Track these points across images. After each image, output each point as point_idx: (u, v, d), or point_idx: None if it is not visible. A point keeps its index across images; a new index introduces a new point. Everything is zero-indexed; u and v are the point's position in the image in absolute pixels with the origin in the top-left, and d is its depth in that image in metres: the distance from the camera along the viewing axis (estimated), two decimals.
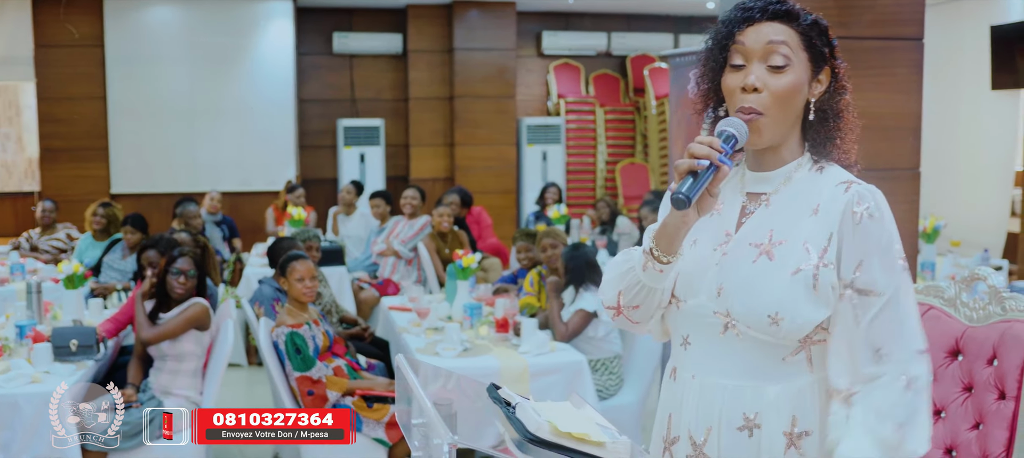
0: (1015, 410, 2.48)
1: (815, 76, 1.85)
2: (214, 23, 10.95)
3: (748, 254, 1.84)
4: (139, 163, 10.93)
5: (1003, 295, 2.61)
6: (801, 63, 1.83)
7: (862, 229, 1.79)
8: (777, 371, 1.84)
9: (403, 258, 7.75)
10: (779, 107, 1.82)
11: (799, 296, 1.79)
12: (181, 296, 4.57)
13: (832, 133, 1.88)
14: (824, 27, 1.87)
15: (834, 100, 1.88)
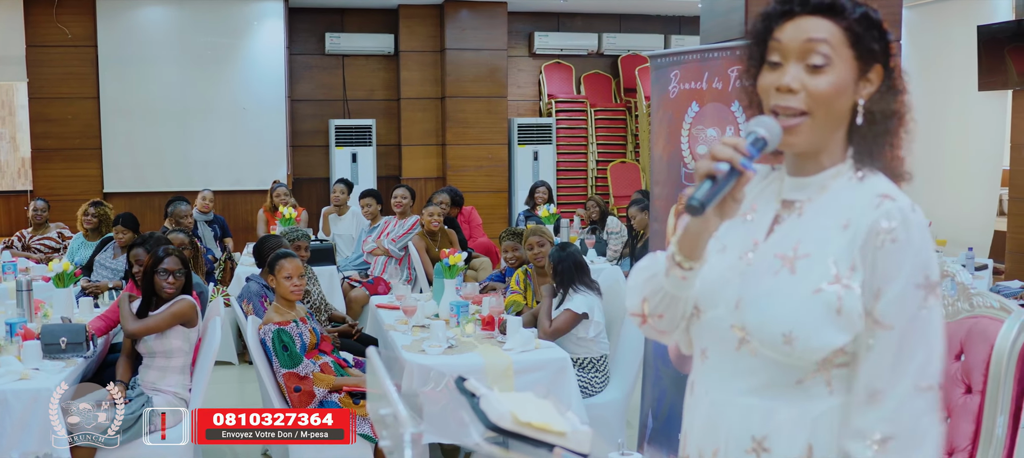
0: (981, 404, 2.53)
1: (863, 75, 1.66)
2: (206, 23, 10.98)
3: (771, 266, 1.70)
4: (131, 163, 10.95)
5: (971, 291, 2.66)
6: (845, 61, 1.65)
7: (884, 253, 1.62)
8: (791, 393, 1.69)
9: (394, 257, 7.79)
10: (821, 108, 1.65)
11: (818, 317, 1.63)
12: (170, 295, 4.60)
13: (880, 138, 1.70)
14: (875, 21, 1.67)
15: (886, 101, 1.68)
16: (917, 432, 1.61)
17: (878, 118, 1.68)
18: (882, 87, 1.67)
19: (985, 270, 7.58)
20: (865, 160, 1.70)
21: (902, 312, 1.61)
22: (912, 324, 1.61)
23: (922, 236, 1.62)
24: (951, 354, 2.65)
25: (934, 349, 1.62)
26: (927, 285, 1.61)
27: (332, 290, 7.35)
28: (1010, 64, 9.11)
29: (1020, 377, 2.49)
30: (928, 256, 1.63)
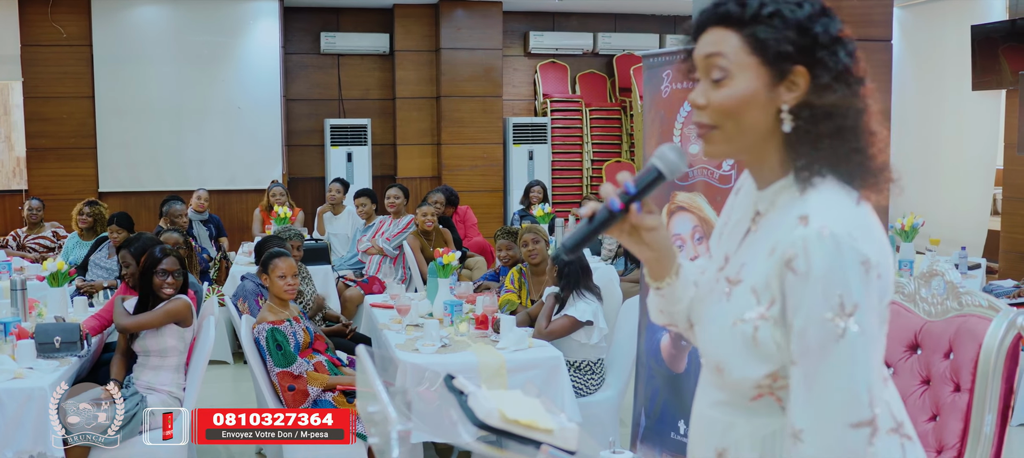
0: (969, 402, 2.54)
1: (782, 80, 1.55)
2: (201, 22, 10.98)
3: (721, 289, 1.68)
4: (126, 162, 10.95)
5: (960, 290, 2.68)
6: (748, 70, 1.56)
7: (788, 285, 1.54)
8: (747, 409, 1.67)
9: (388, 256, 7.80)
10: (728, 121, 1.59)
11: (738, 349, 1.61)
12: (169, 296, 4.61)
13: (832, 141, 1.57)
14: (793, 19, 1.55)
15: (827, 99, 1.54)
16: None
17: (820, 119, 1.55)
18: (816, 86, 1.54)
19: (978, 269, 7.60)
20: (818, 168, 1.57)
21: (808, 346, 1.51)
22: (824, 359, 1.50)
23: (830, 263, 1.49)
24: (941, 352, 2.66)
25: (858, 382, 1.50)
26: (841, 314, 1.49)
27: (326, 289, 7.35)
28: (1004, 63, 9.14)
29: (1008, 375, 2.50)
30: (837, 284, 1.49)
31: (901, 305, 2.82)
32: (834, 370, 1.50)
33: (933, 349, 2.69)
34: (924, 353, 2.73)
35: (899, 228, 7.17)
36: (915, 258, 7.20)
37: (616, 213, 1.61)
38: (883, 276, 1.54)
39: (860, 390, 1.50)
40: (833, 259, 1.49)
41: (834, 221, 1.51)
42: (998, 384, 2.49)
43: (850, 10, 4.05)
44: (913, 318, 2.77)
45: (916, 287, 2.79)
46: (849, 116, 1.56)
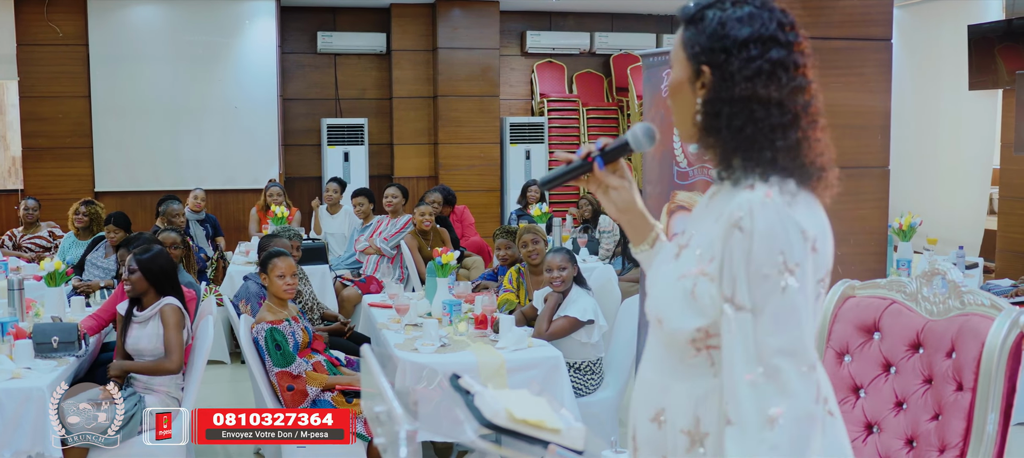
0: (972, 401, 2.54)
1: (698, 77, 1.74)
2: (198, 22, 10.96)
3: (672, 251, 1.85)
4: (123, 161, 10.93)
5: (962, 289, 2.68)
6: (680, 64, 1.78)
7: (732, 242, 1.67)
8: (681, 370, 1.80)
9: (386, 256, 7.79)
10: (672, 105, 1.82)
11: (677, 301, 1.75)
12: (131, 293, 4.60)
13: (720, 145, 1.74)
14: (707, 22, 1.74)
15: (731, 93, 1.71)
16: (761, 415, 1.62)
17: (723, 117, 1.71)
18: (719, 84, 1.71)
19: (975, 268, 7.61)
20: (726, 155, 1.74)
21: (755, 300, 1.64)
22: (765, 309, 1.63)
23: (773, 224, 1.64)
24: (943, 352, 2.67)
25: (801, 330, 1.63)
26: (783, 270, 1.63)
27: (324, 289, 7.34)
28: (1000, 63, 9.15)
29: (1011, 374, 2.50)
30: (779, 242, 1.63)
31: (903, 304, 2.82)
32: (775, 320, 1.63)
33: (935, 348, 2.69)
34: (926, 352, 2.73)
35: (897, 227, 7.17)
36: (913, 257, 7.20)
37: (583, 164, 1.90)
38: (819, 251, 1.69)
39: (802, 336, 1.64)
40: (776, 221, 1.64)
41: (777, 192, 1.67)
42: (1001, 383, 2.49)
43: (849, 9, 4.05)
44: (915, 317, 2.78)
45: (918, 286, 2.80)
46: (755, 108, 1.70)
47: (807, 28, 4.02)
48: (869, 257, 4.18)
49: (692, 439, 1.78)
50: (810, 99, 1.74)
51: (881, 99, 4.13)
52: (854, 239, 4.13)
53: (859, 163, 4.10)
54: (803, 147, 1.72)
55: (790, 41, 1.73)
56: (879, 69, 4.14)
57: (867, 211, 4.13)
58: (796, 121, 1.71)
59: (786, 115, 1.70)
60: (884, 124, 4.15)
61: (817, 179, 1.74)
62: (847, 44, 4.04)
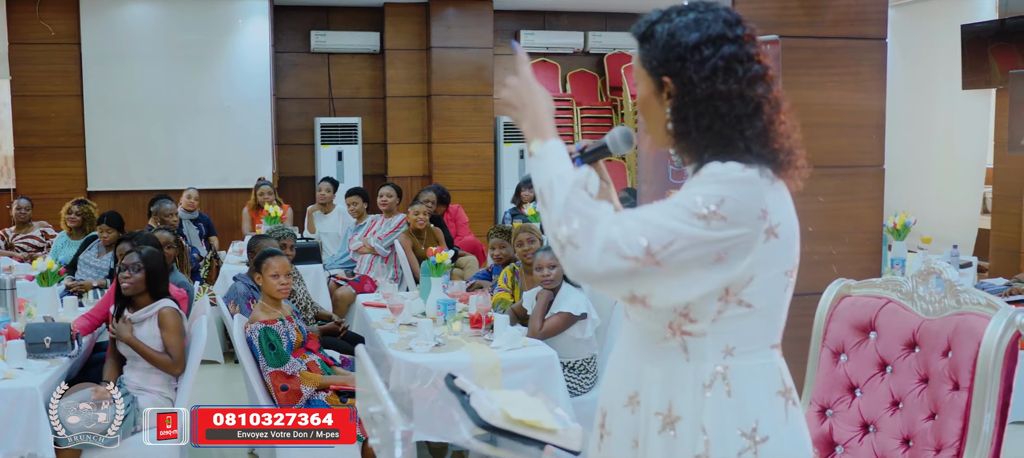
0: (968, 401, 2.54)
1: (661, 89, 1.86)
2: (191, 21, 10.92)
3: None
4: (116, 161, 10.89)
5: (958, 288, 2.67)
6: (643, 79, 1.89)
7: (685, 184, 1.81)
8: (656, 353, 1.88)
9: (380, 255, 7.77)
10: (644, 118, 1.93)
11: None
12: (128, 292, 4.57)
13: (714, 134, 1.82)
14: (657, 36, 1.86)
15: (684, 119, 1.83)
16: (587, 220, 1.72)
17: (691, 119, 1.82)
18: (683, 90, 1.82)
19: (969, 268, 7.62)
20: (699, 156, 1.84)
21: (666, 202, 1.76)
22: (672, 204, 1.74)
23: (729, 181, 1.74)
24: (939, 351, 2.66)
25: (672, 229, 1.71)
26: (712, 205, 1.72)
27: (318, 289, 7.32)
28: (993, 63, 9.16)
29: (1007, 373, 2.50)
30: (726, 193, 1.73)
31: (899, 304, 2.82)
32: (672, 213, 1.72)
33: (931, 347, 2.69)
34: (922, 351, 2.72)
35: (891, 227, 7.18)
36: (907, 256, 7.20)
37: None
38: (781, 238, 1.80)
39: (671, 234, 1.71)
40: (736, 181, 1.74)
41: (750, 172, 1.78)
42: (997, 382, 2.48)
43: (844, 8, 4.05)
44: (911, 317, 2.77)
45: (913, 285, 2.79)
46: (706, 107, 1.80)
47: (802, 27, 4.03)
48: (864, 256, 4.18)
49: (664, 421, 1.86)
50: (770, 84, 1.85)
51: (876, 98, 4.13)
52: (849, 238, 4.13)
53: (854, 162, 4.10)
54: (771, 132, 1.82)
55: (738, 35, 1.83)
56: (874, 68, 4.14)
57: (862, 210, 4.13)
58: (759, 109, 1.82)
59: (749, 105, 1.81)
60: (879, 123, 4.15)
61: (788, 163, 1.84)
62: (842, 43, 4.04)
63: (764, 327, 1.88)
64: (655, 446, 1.86)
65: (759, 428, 1.83)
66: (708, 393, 1.83)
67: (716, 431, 1.82)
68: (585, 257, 1.70)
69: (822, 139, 4.04)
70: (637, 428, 1.90)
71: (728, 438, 1.81)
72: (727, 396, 1.83)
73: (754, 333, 1.86)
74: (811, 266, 4.05)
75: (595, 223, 1.71)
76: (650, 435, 1.87)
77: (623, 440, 1.92)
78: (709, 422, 1.82)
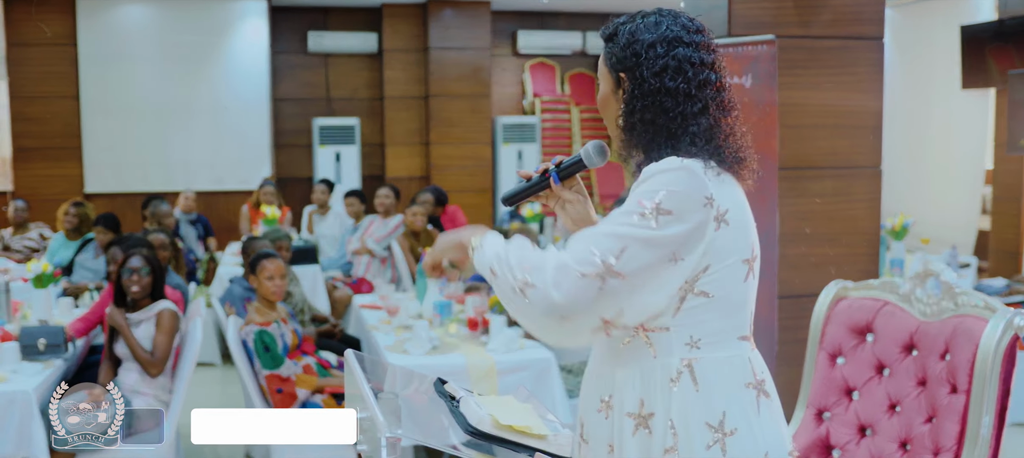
0: (966, 403, 2.51)
1: (619, 86, 1.94)
2: (188, 22, 10.90)
3: None
4: (112, 162, 10.87)
5: (955, 290, 2.65)
6: (605, 78, 1.98)
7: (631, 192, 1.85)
8: (624, 356, 1.91)
9: (377, 257, 7.75)
10: (604, 117, 2.01)
11: None
12: (137, 295, 4.55)
13: (640, 141, 1.92)
14: (618, 40, 1.95)
15: (632, 112, 1.92)
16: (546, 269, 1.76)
17: (637, 112, 1.90)
18: (633, 85, 1.91)
19: (969, 268, 7.60)
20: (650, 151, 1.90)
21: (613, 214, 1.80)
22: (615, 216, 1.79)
23: (667, 175, 1.80)
24: (937, 354, 2.64)
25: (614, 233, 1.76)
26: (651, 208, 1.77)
27: (316, 290, 7.30)
28: (992, 63, 9.15)
29: (1005, 376, 2.48)
30: (664, 186, 1.78)
31: (896, 306, 2.79)
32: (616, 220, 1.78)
33: (929, 350, 2.67)
34: (920, 354, 2.70)
35: (890, 228, 7.16)
36: (906, 258, 7.19)
37: (541, 181, 2.06)
38: (731, 225, 1.84)
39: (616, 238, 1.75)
40: (674, 174, 1.79)
41: (689, 162, 1.83)
42: (995, 385, 2.46)
43: (841, 8, 4.03)
44: (908, 319, 2.75)
45: (911, 287, 2.77)
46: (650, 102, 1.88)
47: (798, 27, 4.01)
48: (862, 258, 4.16)
49: (637, 421, 1.88)
50: (721, 91, 1.92)
51: (873, 99, 4.11)
52: (846, 240, 4.11)
53: (851, 163, 4.08)
54: (717, 133, 1.88)
55: (695, 41, 1.91)
56: (871, 69, 4.11)
57: (859, 211, 4.11)
58: (706, 109, 1.88)
59: (696, 104, 1.87)
60: (876, 124, 4.13)
61: (736, 161, 1.90)
62: (839, 43, 4.02)
63: (728, 318, 1.89)
64: (630, 447, 1.89)
65: (726, 420, 1.85)
66: (675, 387, 1.85)
67: (683, 424, 1.84)
68: (542, 292, 1.73)
69: (819, 140, 4.02)
70: (612, 433, 1.92)
71: (694, 431, 1.84)
72: (694, 389, 1.85)
73: (718, 325, 1.88)
74: (808, 268, 4.03)
75: (543, 259, 1.76)
76: (624, 437, 1.89)
77: (599, 446, 1.94)
78: (676, 416, 1.85)
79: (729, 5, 4.02)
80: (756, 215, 2.00)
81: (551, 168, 2.04)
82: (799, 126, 4.01)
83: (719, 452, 1.83)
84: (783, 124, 3.96)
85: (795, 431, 2.89)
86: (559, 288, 1.72)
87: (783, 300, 4.04)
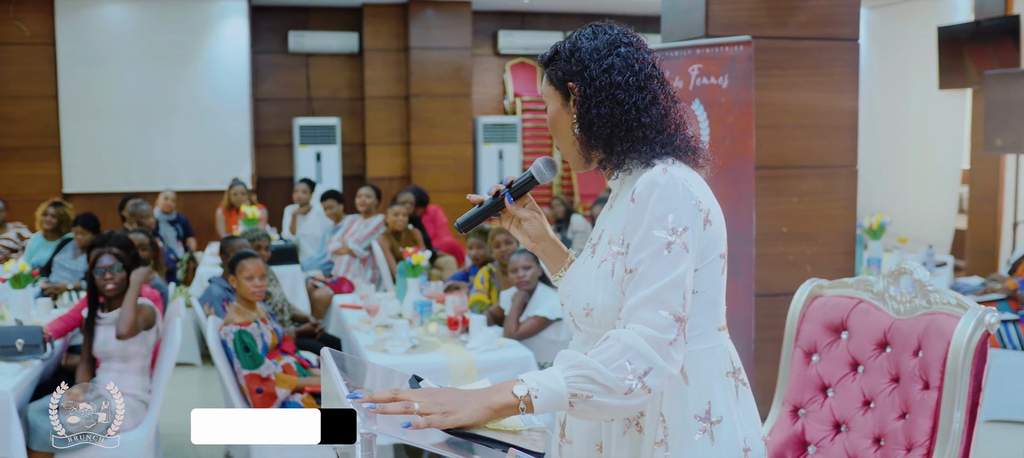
0: (938, 400, 2.54)
1: (568, 98, 1.99)
2: (168, 21, 10.86)
3: (585, 255, 2.03)
4: (92, 162, 10.82)
5: (928, 288, 2.68)
6: (552, 97, 2.02)
7: (629, 214, 1.87)
8: None
9: (358, 257, 7.75)
10: (555, 136, 2.04)
11: (600, 284, 1.91)
12: (112, 293, 4.53)
13: (616, 132, 1.94)
14: (560, 52, 2.01)
15: (587, 112, 1.95)
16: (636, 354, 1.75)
17: (592, 109, 1.94)
18: (583, 91, 1.95)
19: (945, 267, 7.67)
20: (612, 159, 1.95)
21: (641, 256, 1.81)
22: (654, 264, 1.80)
23: (664, 191, 1.84)
24: (910, 351, 2.67)
25: (678, 281, 1.80)
26: (670, 231, 1.82)
27: (296, 290, 7.30)
28: (969, 64, 9.23)
29: (976, 373, 2.50)
30: (670, 206, 1.83)
31: (870, 303, 2.82)
32: (660, 271, 1.80)
33: (902, 347, 2.69)
34: (893, 351, 2.73)
35: (867, 227, 7.21)
36: (883, 256, 7.24)
37: (495, 202, 2.07)
38: (713, 224, 1.91)
39: (674, 287, 1.80)
40: (667, 190, 1.83)
41: (671, 170, 1.87)
42: (967, 381, 2.49)
43: (816, 10, 4.06)
44: (882, 316, 2.78)
45: (885, 285, 2.80)
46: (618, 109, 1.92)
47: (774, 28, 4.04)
48: (838, 256, 4.19)
49: (628, 422, 1.93)
50: (665, 84, 1.99)
51: (849, 99, 4.14)
52: (823, 238, 4.14)
53: (828, 163, 4.11)
54: (668, 122, 1.95)
55: (632, 42, 2.01)
56: (847, 69, 4.15)
57: (836, 210, 4.14)
58: (656, 99, 1.94)
59: (646, 95, 1.93)
60: (852, 124, 4.17)
61: (692, 154, 1.97)
62: (815, 44, 4.06)
63: (709, 310, 1.95)
64: (618, 445, 1.94)
65: (712, 410, 1.92)
66: None
67: (673, 417, 1.89)
68: (660, 375, 1.75)
69: (795, 140, 4.06)
70: (600, 433, 1.97)
71: (685, 422, 1.89)
72: (684, 382, 1.91)
73: (702, 318, 1.93)
74: (785, 266, 4.07)
75: (628, 346, 1.74)
76: (613, 437, 1.94)
77: (584, 446, 1.99)
78: (667, 409, 1.89)
79: (706, 6, 4.04)
80: (734, 215, 2.06)
81: (502, 189, 2.07)
82: (776, 126, 4.05)
83: (708, 441, 1.90)
84: (760, 124, 3.99)
85: (771, 428, 2.91)
86: (669, 360, 1.76)
87: (760, 298, 4.07)
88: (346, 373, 1.65)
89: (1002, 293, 6.38)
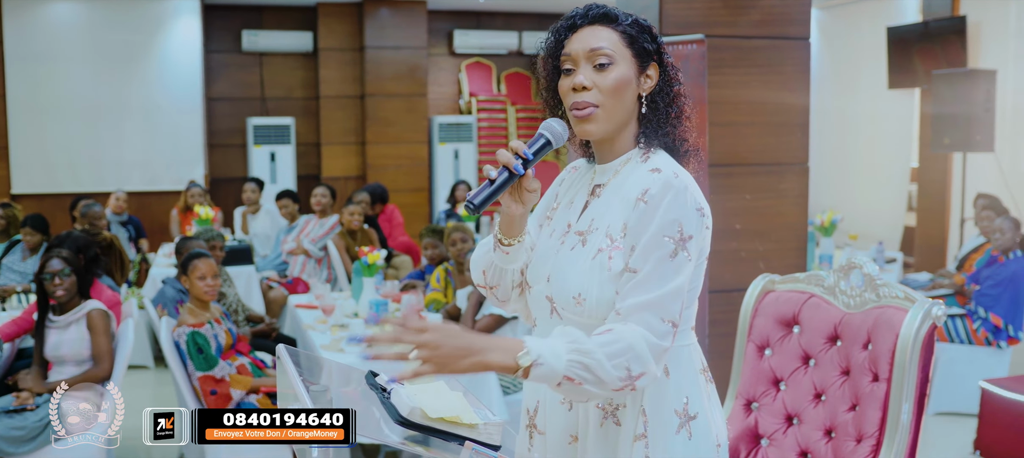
0: (887, 392, 2.58)
1: (643, 72, 1.97)
2: (118, 20, 10.72)
3: (572, 242, 2.00)
4: (41, 163, 10.65)
5: (877, 282, 2.72)
6: (626, 60, 1.95)
7: (638, 213, 1.88)
8: None
9: (313, 257, 7.71)
10: (610, 99, 1.94)
11: (596, 276, 1.90)
12: (62, 298, 4.47)
13: (663, 122, 1.98)
14: (645, 26, 1.99)
15: (666, 92, 1.99)
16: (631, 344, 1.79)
17: (660, 106, 1.97)
18: (660, 81, 1.98)
19: (895, 263, 7.78)
20: (653, 142, 1.98)
21: (647, 258, 1.84)
22: (657, 268, 1.84)
23: (676, 199, 1.87)
24: (859, 344, 2.70)
25: (677, 289, 1.85)
26: (678, 239, 1.86)
27: (251, 291, 7.24)
28: (918, 64, 9.37)
29: (924, 365, 2.55)
30: (680, 214, 1.86)
31: (821, 298, 2.86)
32: (664, 277, 1.83)
33: (852, 340, 2.73)
34: (843, 344, 2.77)
35: (818, 224, 7.30)
36: (834, 253, 7.34)
37: (518, 175, 1.92)
38: (709, 228, 1.94)
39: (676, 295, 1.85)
40: (679, 197, 1.86)
41: (681, 174, 1.91)
42: (914, 373, 2.53)
43: (768, 9, 4.11)
44: (832, 310, 2.81)
45: (835, 280, 2.83)
46: (675, 106, 1.99)
47: (727, 27, 4.07)
48: (790, 252, 4.24)
49: (605, 414, 1.95)
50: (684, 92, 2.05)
51: (800, 97, 4.20)
52: (775, 235, 4.19)
53: (779, 160, 4.16)
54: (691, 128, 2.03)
55: None
56: (798, 68, 4.20)
57: (787, 207, 4.19)
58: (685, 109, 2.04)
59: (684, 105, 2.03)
60: (803, 122, 4.22)
61: (699, 161, 2.03)
62: (767, 43, 4.11)
63: (689, 308, 1.99)
64: (595, 438, 1.96)
65: (689, 406, 1.97)
66: None
67: (654, 411, 1.93)
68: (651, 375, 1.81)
69: (748, 137, 4.10)
70: (576, 424, 1.98)
71: (665, 417, 1.93)
72: (665, 377, 1.94)
73: (684, 315, 1.95)
74: (738, 262, 4.11)
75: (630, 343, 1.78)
76: (590, 428, 1.96)
77: (558, 437, 1.99)
78: (648, 404, 1.93)
79: (660, 5, 4.08)
80: None
81: (515, 161, 1.93)
82: (728, 123, 4.09)
83: (686, 436, 1.95)
84: (713, 122, 4.03)
85: (725, 421, 2.94)
86: (660, 362, 1.82)
87: (714, 294, 4.11)
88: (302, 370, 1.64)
89: (950, 288, 6.49)
